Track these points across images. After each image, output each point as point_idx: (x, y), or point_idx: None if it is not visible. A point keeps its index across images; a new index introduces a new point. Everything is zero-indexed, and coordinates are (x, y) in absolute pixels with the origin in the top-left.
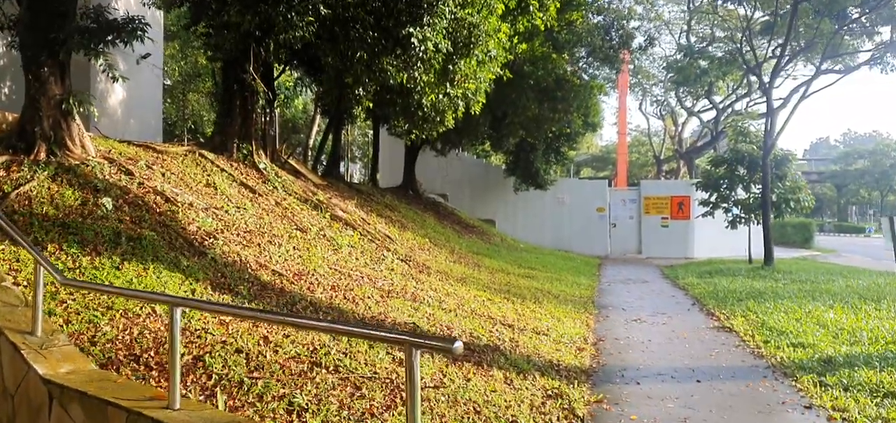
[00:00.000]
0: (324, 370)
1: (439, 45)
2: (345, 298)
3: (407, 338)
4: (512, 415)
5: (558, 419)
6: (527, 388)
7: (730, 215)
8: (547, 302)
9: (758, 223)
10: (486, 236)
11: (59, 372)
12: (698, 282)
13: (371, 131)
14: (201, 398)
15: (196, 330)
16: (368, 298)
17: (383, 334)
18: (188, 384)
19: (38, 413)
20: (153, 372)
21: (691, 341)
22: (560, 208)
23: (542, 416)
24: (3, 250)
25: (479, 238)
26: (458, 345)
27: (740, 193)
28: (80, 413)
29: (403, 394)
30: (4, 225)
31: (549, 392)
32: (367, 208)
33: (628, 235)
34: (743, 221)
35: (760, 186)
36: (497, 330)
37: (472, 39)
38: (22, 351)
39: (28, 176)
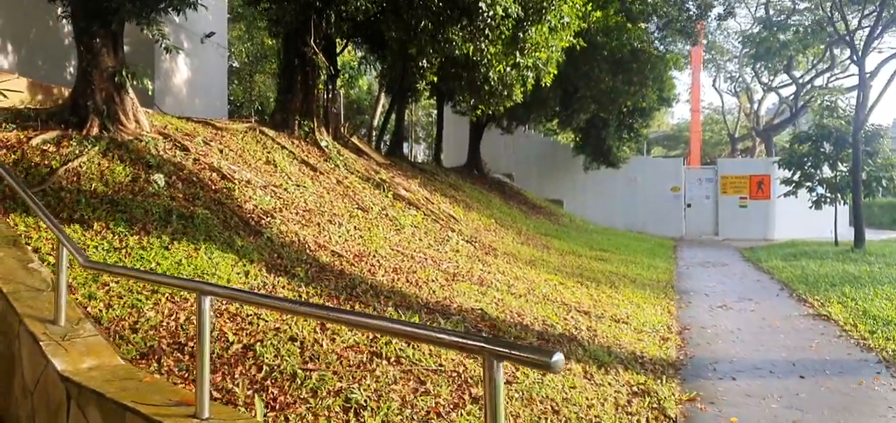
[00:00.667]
0: (384, 362)
1: (509, 10)
2: (407, 281)
3: (487, 346)
4: (595, 416)
5: (647, 422)
6: (609, 383)
7: (814, 194)
8: (623, 287)
9: (844, 203)
10: (554, 216)
11: (80, 368)
12: (784, 265)
13: (435, 110)
14: (249, 392)
15: (248, 316)
16: (432, 281)
17: (458, 340)
18: (236, 376)
19: (56, 415)
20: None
21: (786, 331)
22: (632, 188)
23: (629, 417)
24: (37, 227)
25: (547, 219)
26: (559, 359)
27: (826, 172)
28: (97, 417)
29: (473, 391)
30: (27, 199)
31: (635, 389)
32: (431, 188)
33: (704, 215)
34: (828, 201)
35: (847, 165)
36: (572, 318)
37: (545, 4)
38: (41, 342)
39: (78, 151)
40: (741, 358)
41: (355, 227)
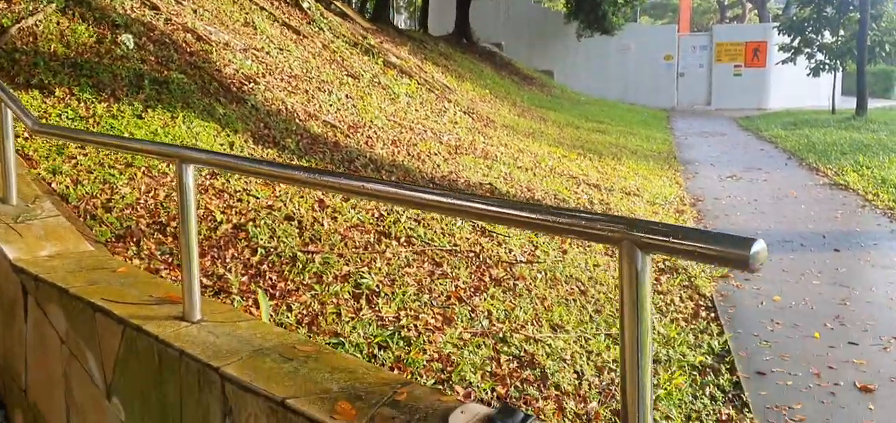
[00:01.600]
0: (394, 242)
1: None
2: (408, 154)
3: (632, 234)
4: None
5: (682, 302)
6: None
7: (813, 61)
8: (626, 158)
9: (843, 70)
10: (546, 88)
11: (38, 256)
12: (786, 134)
13: None
14: (244, 278)
15: (236, 192)
16: (435, 154)
17: (598, 229)
18: (228, 260)
19: (11, 314)
20: None
21: (806, 201)
22: (624, 57)
23: (662, 297)
24: None
25: (540, 90)
26: (760, 250)
27: (826, 37)
28: (61, 319)
29: (493, 272)
30: None
31: (661, 265)
32: (421, 56)
33: (697, 85)
34: (827, 68)
35: (849, 30)
36: (583, 191)
37: None
38: None
39: (32, 8)
40: (766, 231)
41: (347, 95)
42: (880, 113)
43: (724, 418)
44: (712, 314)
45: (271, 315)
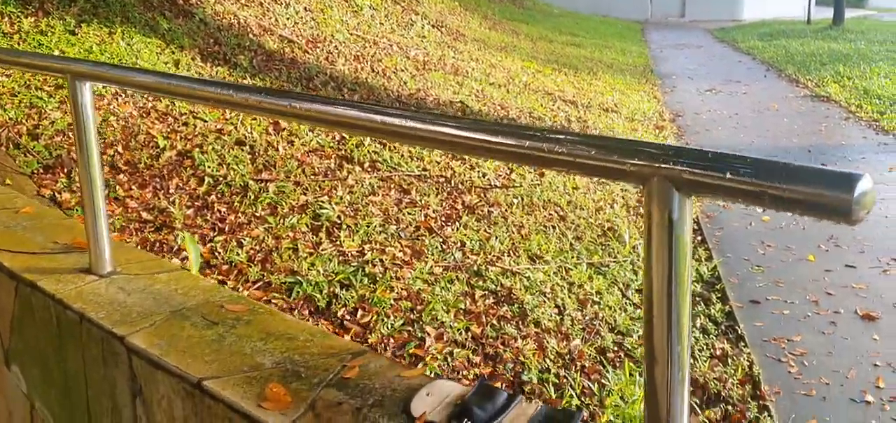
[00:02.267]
0: (357, 168)
1: None
2: (372, 71)
3: (665, 167)
4: (606, 221)
5: None
6: (613, 183)
7: None
8: (602, 73)
9: None
10: (518, 0)
11: None
12: (763, 45)
13: None
14: (189, 211)
15: (181, 115)
16: (402, 71)
17: (613, 162)
18: (171, 191)
19: None
20: (121, 176)
21: (788, 114)
22: None
23: (642, 218)
24: None
25: (512, 3)
26: (867, 189)
27: None
28: None
29: (465, 198)
30: None
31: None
32: None
33: None
34: None
35: None
36: (559, 109)
37: None
38: None
39: None
40: (749, 146)
41: (306, 8)
42: (856, 22)
43: (718, 353)
44: (699, 237)
45: (213, 258)
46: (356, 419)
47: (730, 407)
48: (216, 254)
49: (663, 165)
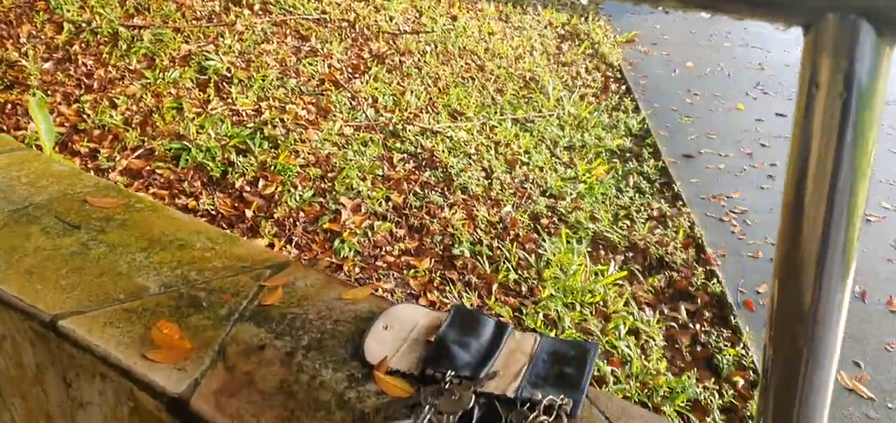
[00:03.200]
0: (246, 12)
1: None
2: None
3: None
4: (527, 71)
5: (589, 74)
6: (530, 26)
7: None
8: None
9: None
10: None
11: None
12: None
13: None
14: (47, 65)
15: None
16: None
17: None
18: (22, 41)
19: None
20: None
21: None
22: None
23: (566, 68)
24: None
25: None
26: None
27: None
28: None
29: (373, 45)
30: None
31: (560, 31)
32: None
33: None
34: None
35: None
36: None
37: None
38: None
39: None
40: None
41: None
42: None
43: (656, 213)
44: (624, 87)
45: (81, 121)
46: (288, 372)
47: (674, 274)
48: (85, 117)
49: None
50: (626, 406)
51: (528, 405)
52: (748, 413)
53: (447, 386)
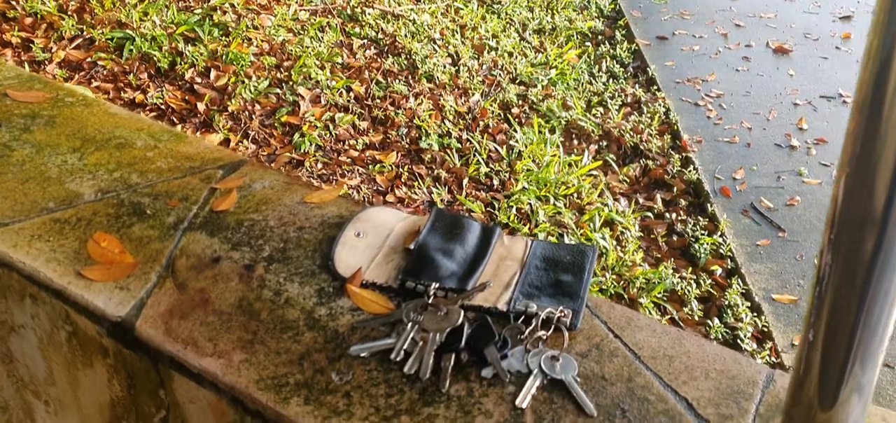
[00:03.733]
0: None
1: None
2: None
3: None
4: None
5: None
6: None
7: None
8: None
9: None
10: None
11: None
12: None
13: None
14: None
15: None
16: None
17: None
18: None
19: None
20: None
21: None
22: None
23: None
24: None
25: None
26: None
27: None
28: None
29: None
30: None
31: None
32: None
33: None
34: None
35: None
36: None
37: None
38: None
39: None
40: None
41: None
42: None
43: (630, 99)
44: None
45: (10, 8)
46: (248, 288)
47: (650, 162)
48: (14, 3)
49: None
50: (632, 316)
51: (522, 318)
52: (726, 302)
53: (431, 300)
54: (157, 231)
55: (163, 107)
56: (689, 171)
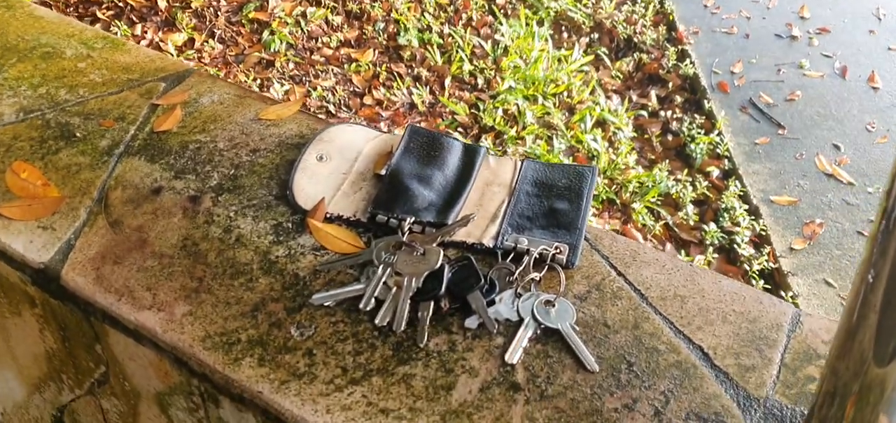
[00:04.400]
0: None
1: None
2: None
3: None
4: None
5: None
6: None
7: None
8: None
9: None
10: None
11: None
12: None
13: None
14: None
15: None
16: None
17: None
18: None
19: None
20: None
21: None
22: None
23: None
24: None
25: None
26: None
27: None
28: None
29: None
30: None
31: None
32: None
33: None
34: None
35: None
36: None
37: None
38: None
39: None
40: None
41: None
42: None
43: None
44: None
45: None
46: (193, 224)
47: (644, 56)
48: None
49: None
50: (637, 248)
51: (512, 256)
52: (722, 205)
53: (406, 237)
54: (88, 158)
55: (122, 5)
56: (685, 65)
